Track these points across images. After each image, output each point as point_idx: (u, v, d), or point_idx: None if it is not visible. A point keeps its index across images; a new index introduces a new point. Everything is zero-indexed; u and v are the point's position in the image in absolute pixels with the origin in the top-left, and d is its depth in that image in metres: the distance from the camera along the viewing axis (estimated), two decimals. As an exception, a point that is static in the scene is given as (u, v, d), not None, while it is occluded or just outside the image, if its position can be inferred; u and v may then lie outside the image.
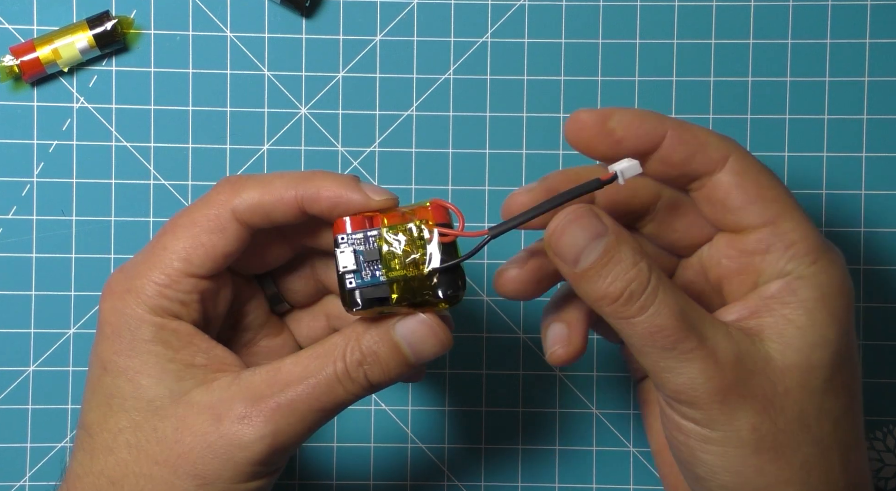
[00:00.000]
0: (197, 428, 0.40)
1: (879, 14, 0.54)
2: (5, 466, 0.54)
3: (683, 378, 0.38)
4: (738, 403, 0.38)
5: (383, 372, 0.40)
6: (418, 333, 0.40)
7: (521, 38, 0.54)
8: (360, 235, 0.40)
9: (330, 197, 0.40)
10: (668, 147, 0.40)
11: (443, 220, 0.40)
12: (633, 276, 0.38)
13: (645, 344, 0.39)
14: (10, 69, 0.53)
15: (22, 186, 0.54)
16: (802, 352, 0.39)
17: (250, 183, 0.41)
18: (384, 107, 0.54)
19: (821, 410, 0.39)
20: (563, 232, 0.39)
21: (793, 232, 0.39)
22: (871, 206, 0.54)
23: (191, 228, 0.41)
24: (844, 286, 0.40)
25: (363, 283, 0.39)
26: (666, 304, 0.38)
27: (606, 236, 0.39)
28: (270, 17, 0.54)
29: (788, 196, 0.40)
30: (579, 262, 0.39)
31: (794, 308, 0.39)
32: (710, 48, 0.54)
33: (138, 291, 0.41)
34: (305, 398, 0.40)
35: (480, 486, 0.55)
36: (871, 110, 0.54)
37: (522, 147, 0.54)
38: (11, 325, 0.54)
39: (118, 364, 0.41)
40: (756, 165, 0.40)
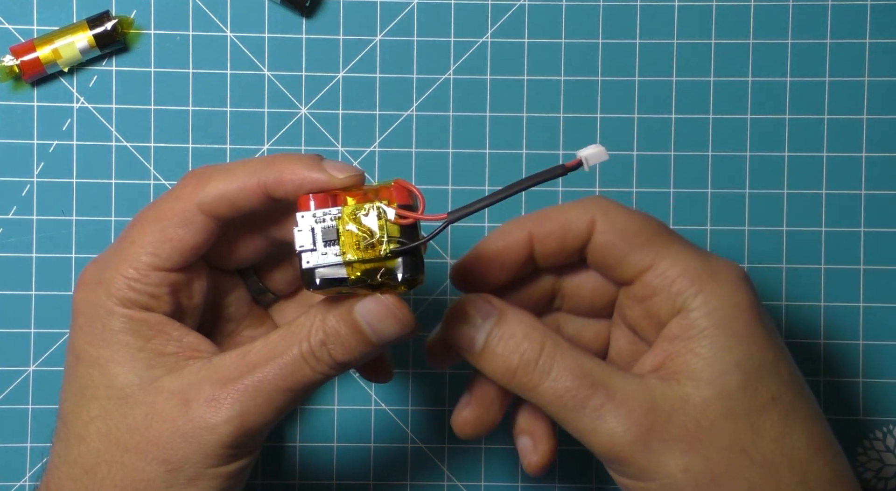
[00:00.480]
0: (166, 413, 0.40)
1: (879, 14, 0.54)
2: (5, 466, 0.54)
3: (603, 436, 0.40)
4: (662, 447, 0.39)
5: (346, 351, 0.40)
6: (376, 313, 0.40)
7: (521, 38, 0.54)
8: (320, 214, 0.39)
9: (293, 179, 0.40)
10: (540, 245, 0.42)
11: (405, 201, 0.39)
12: (525, 347, 0.40)
13: (557, 409, 0.40)
14: (10, 69, 0.53)
15: (22, 186, 0.54)
16: (716, 382, 0.39)
17: (214, 174, 0.41)
18: (384, 107, 0.54)
19: (754, 431, 0.39)
20: (453, 323, 0.41)
21: (670, 269, 0.41)
22: (871, 206, 0.54)
23: (157, 223, 0.41)
24: (741, 303, 0.40)
25: (320, 263, 0.39)
26: (565, 366, 0.40)
27: (492, 316, 0.41)
28: (270, 17, 0.54)
29: (662, 234, 0.41)
30: (475, 345, 0.41)
31: (696, 341, 0.40)
32: (710, 48, 0.54)
33: (108, 284, 0.41)
34: (272, 379, 0.40)
35: (480, 486, 0.55)
36: (871, 110, 0.54)
37: (522, 147, 0.54)
38: (11, 325, 0.54)
39: (90, 354, 0.41)
40: (622, 216, 0.42)
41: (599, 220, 0.42)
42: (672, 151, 0.54)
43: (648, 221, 0.42)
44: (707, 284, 0.40)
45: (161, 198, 0.42)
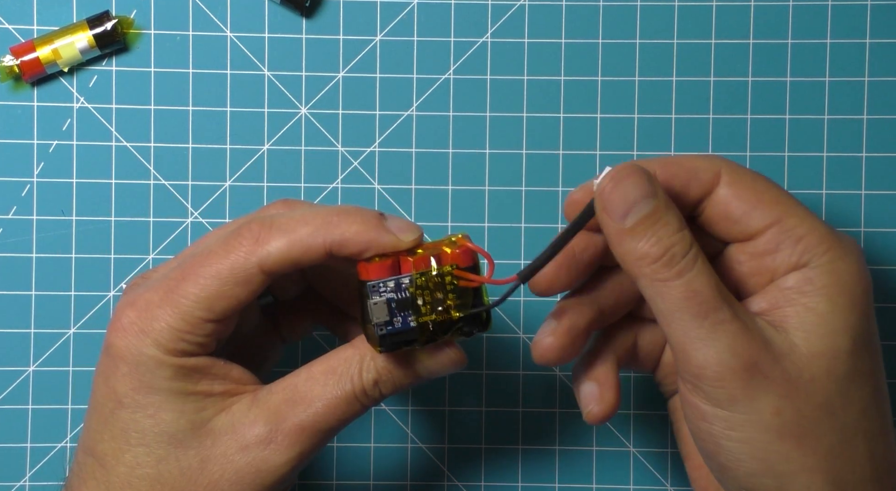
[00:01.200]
0: (223, 456, 0.40)
1: (879, 14, 0.54)
2: (5, 466, 0.54)
3: (711, 351, 0.38)
4: (762, 384, 0.38)
5: (397, 388, 0.42)
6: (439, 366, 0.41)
7: (521, 38, 0.54)
8: (393, 283, 0.40)
9: (359, 242, 0.40)
10: (663, 185, 0.40)
11: (470, 262, 0.40)
12: (676, 239, 0.39)
13: (677, 309, 0.39)
14: (10, 69, 0.53)
15: (22, 186, 0.54)
16: (826, 338, 0.39)
17: (275, 231, 0.40)
18: (384, 107, 0.54)
19: (847, 397, 0.39)
20: (615, 187, 0.39)
21: (799, 227, 0.40)
22: (871, 206, 0.54)
23: (215, 280, 0.40)
24: (861, 273, 0.40)
25: (394, 330, 0.40)
26: (704, 272, 0.39)
27: (656, 197, 0.39)
28: (270, 17, 0.54)
29: (788, 196, 0.41)
30: (627, 218, 0.39)
31: (814, 296, 0.39)
32: (710, 48, 0.54)
33: (157, 335, 0.40)
34: (327, 417, 0.40)
35: (480, 486, 0.55)
36: (871, 110, 0.54)
37: (522, 147, 0.54)
38: (11, 325, 0.54)
39: (137, 400, 0.41)
40: (749, 174, 0.41)
41: (726, 173, 0.41)
42: (672, 151, 0.54)
43: (773, 183, 0.41)
44: (834, 247, 0.40)
45: (216, 252, 0.41)
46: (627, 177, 0.39)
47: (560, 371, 0.55)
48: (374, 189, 0.54)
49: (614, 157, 0.54)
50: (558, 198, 0.54)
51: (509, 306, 0.54)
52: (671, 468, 0.55)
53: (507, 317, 0.55)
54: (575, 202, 0.42)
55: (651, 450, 0.55)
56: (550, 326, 0.43)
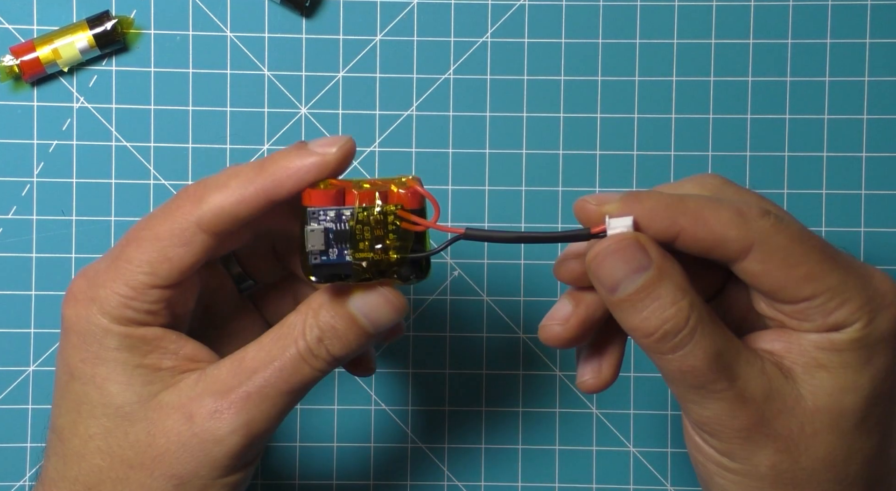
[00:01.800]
0: (169, 429, 0.40)
1: (879, 14, 0.54)
2: (5, 466, 0.54)
3: (709, 413, 0.38)
4: (761, 440, 0.38)
5: (344, 345, 0.40)
6: (372, 302, 0.40)
7: (521, 38, 0.54)
8: (332, 213, 0.39)
9: (291, 176, 0.39)
10: (683, 243, 0.38)
11: (417, 206, 0.39)
12: (669, 315, 0.38)
13: (675, 380, 0.38)
14: (10, 69, 0.53)
15: (22, 186, 0.54)
16: (833, 396, 0.38)
17: (209, 189, 0.40)
18: (384, 107, 0.54)
19: (850, 450, 0.39)
20: (603, 261, 0.38)
21: (831, 302, 0.38)
22: (871, 207, 0.54)
23: (155, 242, 0.40)
24: (887, 333, 0.39)
25: (328, 260, 0.39)
26: (701, 346, 0.38)
27: (648, 270, 0.38)
28: (270, 17, 0.54)
29: (825, 261, 0.38)
30: (615, 291, 0.38)
31: (831, 354, 0.39)
32: (710, 48, 0.54)
33: (102, 302, 0.40)
34: (274, 382, 0.40)
35: (480, 486, 0.55)
36: (871, 110, 0.54)
37: (522, 147, 0.54)
38: (11, 325, 0.54)
39: (85, 372, 0.40)
40: (784, 245, 0.38)
41: (758, 249, 0.38)
42: (672, 151, 0.54)
43: (811, 248, 0.38)
44: (865, 314, 0.38)
45: (156, 215, 0.41)
46: (618, 251, 0.38)
47: (560, 371, 0.55)
48: (374, 189, 0.54)
49: (615, 157, 0.54)
50: (558, 198, 0.54)
51: (509, 306, 0.54)
52: (671, 468, 0.55)
53: (507, 317, 0.55)
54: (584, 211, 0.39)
55: (651, 450, 0.55)
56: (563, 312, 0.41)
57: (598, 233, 0.38)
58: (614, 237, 0.38)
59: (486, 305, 0.55)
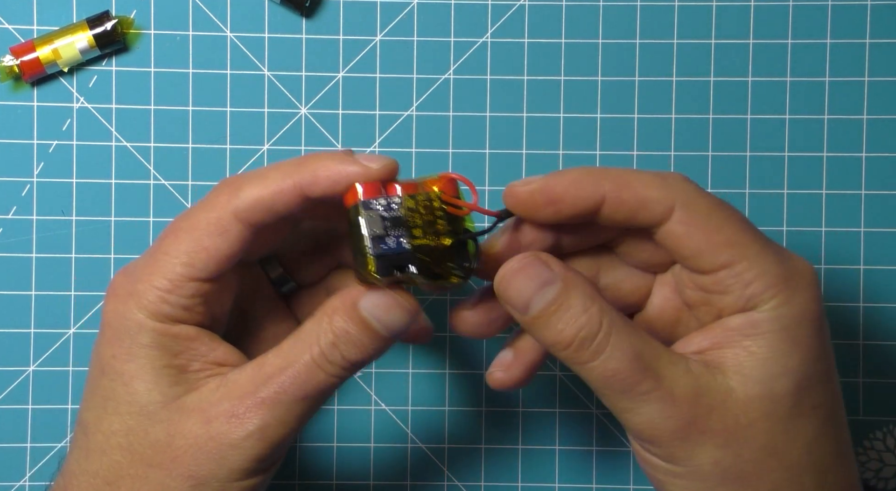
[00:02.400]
0: (187, 431, 0.40)
1: (879, 14, 0.54)
2: (5, 466, 0.54)
3: (642, 418, 0.39)
4: (698, 438, 0.39)
5: (359, 350, 0.40)
6: (382, 306, 0.40)
7: (521, 38, 0.54)
8: (384, 202, 0.39)
9: (329, 176, 0.40)
10: (609, 209, 0.40)
11: (454, 193, 0.40)
12: (583, 322, 0.39)
13: (602, 387, 0.39)
14: (10, 69, 0.53)
15: (22, 186, 0.54)
16: (764, 383, 0.39)
17: (247, 180, 0.41)
18: (384, 107, 0.54)
19: (789, 435, 0.39)
20: (509, 281, 0.40)
21: (748, 272, 0.39)
22: (871, 207, 0.54)
23: (192, 232, 0.41)
24: (810, 311, 0.40)
25: (388, 249, 0.39)
26: (619, 348, 0.39)
27: (555, 284, 0.39)
28: (270, 17, 0.54)
29: (744, 232, 0.40)
30: (528, 309, 0.39)
31: (755, 340, 0.39)
32: (710, 48, 0.54)
33: (140, 296, 0.41)
34: (288, 388, 0.40)
35: (480, 486, 0.55)
36: (871, 110, 0.54)
37: (522, 147, 0.54)
38: (11, 325, 0.54)
39: (115, 368, 0.41)
40: (705, 209, 0.40)
41: (680, 210, 0.39)
42: (672, 151, 0.54)
43: (731, 216, 0.40)
44: (781, 290, 0.39)
45: (194, 207, 0.41)
46: (520, 270, 0.39)
47: (560, 371, 0.55)
48: (374, 189, 0.54)
49: (615, 157, 0.54)
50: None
51: (509, 306, 0.54)
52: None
53: (507, 317, 0.55)
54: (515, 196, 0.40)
55: (651, 450, 0.55)
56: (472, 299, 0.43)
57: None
58: (515, 258, 0.40)
59: (486, 305, 0.55)
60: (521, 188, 0.40)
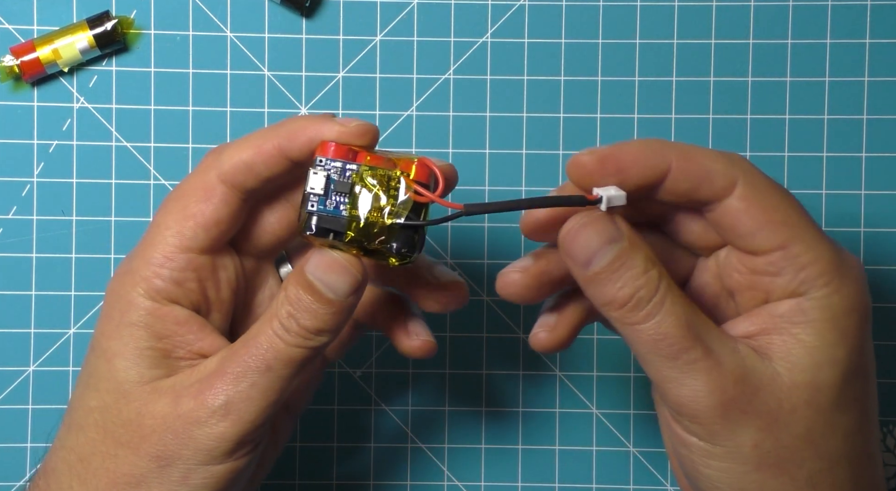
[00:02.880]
0: (157, 411, 0.40)
1: (879, 14, 0.54)
2: (5, 466, 0.54)
3: (686, 390, 0.38)
4: (741, 418, 0.38)
5: (312, 316, 0.40)
6: (323, 266, 0.39)
7: (521, 38, 0.54)
8: (339, 164, 0.39)
9: (307, 134, 0.40)
10: (673, 179, 0.39)
11: (424, 179, 0.39)
12: (642, 283, 0.38)
13: (649, 351, 0.39)
14: (10, 69, 0.53)
15: (22, 186, 0.54)
16: (810, 371, 0.39)
17: (230, 145, 0.41)
18: (384, 107, 0.54)
19: (829, 425, 0.39)
20: (577, 234, 0.39)
21: (804, 255, 0.39)
22: (871, 207, 0.54)
23: (179, 201, 0.41)
24: (858, 303, 0.40)
25: (324, 210, 0.39)
26: (673, 313, 0.38)
27: (620, 242, 0.39)
28: (270, 17, 0.54)
29: (800, 216, 0.40)
30: (591, 265, 0.39)
31: (804, 327, 0.39)
32: (710, 48, 0.54)
33: (134, 272, 0.41)
34: (250, 362, 0.40)
35: (480, 486, 0.55)
36: (871, 110, 0.54)
37: (522, 147, 0.54)
38: (11, 325, 0.54)
39: (101, 344, 0.41)
40: (765, 188, 0.40)
41: (742, 185, 0.39)
42: (672, 151, 0.54)
43: (789, 198, 0.40)
44: (834, 279, 0.39)
45: (183, 179, 0.42)
46: (590, 224, 0.39)
47: (560, 371, 0.55)
48: (374, 189, 0.54)
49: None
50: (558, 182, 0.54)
51: (509, 306, 0.54)
52: (671, 468, 0.54)
53: (506, 317, 0.55)
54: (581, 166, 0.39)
55: (651, 450, 0.55)
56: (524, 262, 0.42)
57: (593, 200, 0.39)
58: (583, 214, 0.39)
59: (485, 304, 0.55)
60: (587, 157, 0.39)
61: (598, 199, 0.39)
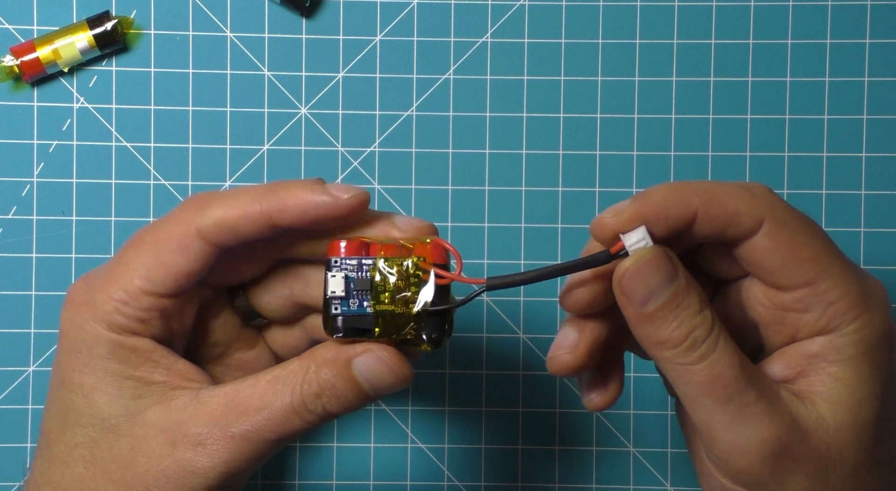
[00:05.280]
0: (152, 450, 0.39)
1: (879, 14, 0.54)
2: (5, 466, 0.54)
3: (738, 438, 0.38)
4: (792, 467, 0.38)
5: (341, 404, 0.40)
6: (376, 370, 0.39)
7: (521, 38, 0.54)
8: (355, 262, 0.39)
9: (297, 204, 0.39)
10: (699, 225, 0.38)
11: (440, 260, 0.39)
12: (698, 322, 0.38)
13: (701, 393, 0.38)
14: (10, 69, 0.53)
15: (22, 186, 0.54)
16: (853, 410, 0.38)
17: (215, 199, 0.40)
18: (384, 107, 0.54)
19: (871, 459, 0.39)
20: (636, 272, 0.38)
21: (832, 291, 0.38)
22: (871, 206, 0.54)
23: (153, 246, 0.40)
24: (887, 332, 0.39)
25: (349, 311, 0.39)
26: (727, 354, 0.38)
27: (677, 280, 0.38)
28: (270, 17, 0.54)
29: (828, 251, 0.39)
30: (648, 303, 0.38)
31: (840, 366, 0.38)
32: (710, 48, 0.54)
33: (96, 306, 0.40)
34: (261, 429, 0.39)
35: (480, 486, 0.55)
36: (871, 110, 0.54)
37: (522, 147, 0.54)
38: (11, 325, 0.54)
39: (73, 379, 0.40)
40: (793, 224, 0.39)
41: (769, 223, 0.38)
42: (672, 151, 0.54)
43: (816, 232, 0.39)
44: (864, 312, 0.38)
45: (159, 221, 0.41)
46: (649, 262, 0.38)
47: (560, 371, 0.55)
48: (375, 189, 0.54)
49: (615, 157, 0.54)
50: (558, 198, 0.54)
51: (509, 307, 0.54)
52: (671, 468, 0.55)
53: (506, 317, 0.55)
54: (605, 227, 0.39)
55: (651, 450, 0.55)
56: (569, 341, 0.41)
57: (618, 252, 0.38)
58: (639, 252, 0.38)
59: (486, 305, 0.55)
60: (612, 219, 0.38)
61: (622, 250, 0.38)
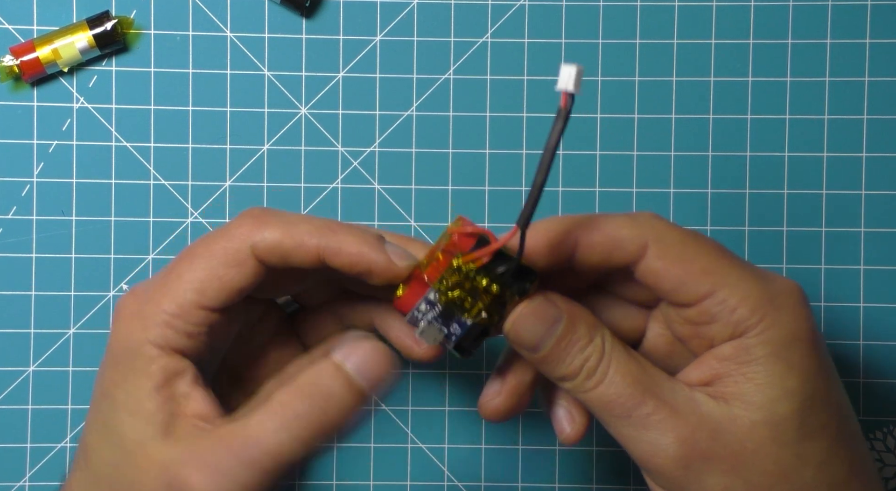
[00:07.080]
0: (146, 486, 0.38)
1: (879, 14, 0.54)
2: (5, 466, 0.54)
3: (645, 445, 0.39)
4: (704, 466, 0.39)
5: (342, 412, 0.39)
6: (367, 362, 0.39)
7: (521, 39, 0.54)
8: (424, 306, 0.40)
9: (352, 254, 0.40)
10: (583, 254, 0.40)
11: (473, 242, 0.40)
12: (588, 353, 0.40)
13: (604, 413, 0.40)
14: (10, 69, 0.53)
15: (22, 186, 0.54)
16: (767, 408, 0.39)
17: (273, 221, 0.40)
18: (384, 107, 0.54)
19: (799, 457, 0.39)
20: (521, 326, 0.40)
21: (731, 298, 0.39)
22: (871, 207, 0.54)
23: (208, 260, 0.40)
24: (799, 330, 0.39)
25: (459, 334, 0.41)
26: (619, 372, 0.40)
27: (561, 321, 0.40)
28: (270, 17, 0.54)
29: (720, 260, 0.40)
30: (538, 349, 0.40)
31: (752, 366, 0.39)
32: (710, 48, 0.54)
33: (146, 318, 0.40)
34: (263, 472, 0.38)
35: (480, 486, 0.55)
36: (871, 110, 0.54)
37: (522, 147, 0.54)
38: (11, 325, 0.54)
39: (111, 393, 0.40)
40: (678, 242, 0.40)
41: (653, 246, 0.40)
42: (672, 152, 0.54)
43: (704, 245, 0.40)
44: (768, 313, 0.39)
45: (213, 234, 0.41)
46: (531, 312, 0.40)
47: (560, 371, 0.55)
48: (374, 189, 0.54)
49: (615, 158, 0.54)
50: (558, 198, 0.54)
51: (509, 306, 0.54)
52: None
53: (507, 317, 0.55)
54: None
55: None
56: (495, 387, 0.43)
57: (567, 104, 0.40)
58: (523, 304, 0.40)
59: (486, 305, 0.55)
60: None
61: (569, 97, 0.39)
